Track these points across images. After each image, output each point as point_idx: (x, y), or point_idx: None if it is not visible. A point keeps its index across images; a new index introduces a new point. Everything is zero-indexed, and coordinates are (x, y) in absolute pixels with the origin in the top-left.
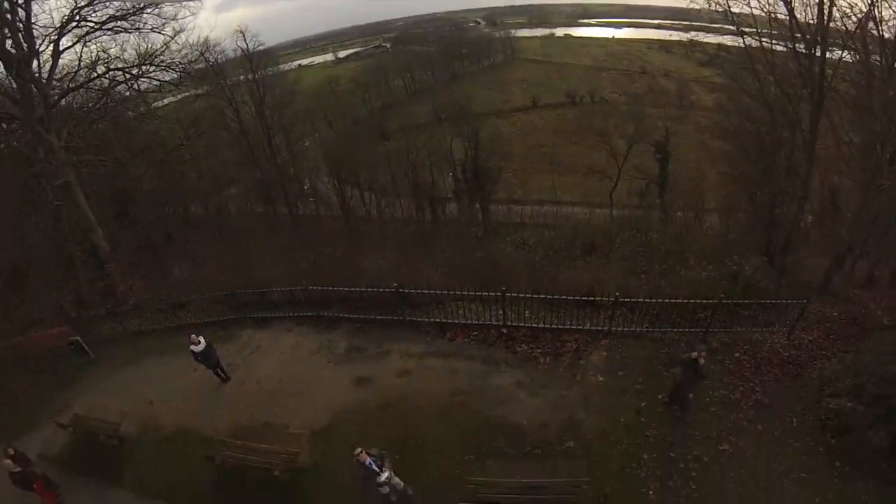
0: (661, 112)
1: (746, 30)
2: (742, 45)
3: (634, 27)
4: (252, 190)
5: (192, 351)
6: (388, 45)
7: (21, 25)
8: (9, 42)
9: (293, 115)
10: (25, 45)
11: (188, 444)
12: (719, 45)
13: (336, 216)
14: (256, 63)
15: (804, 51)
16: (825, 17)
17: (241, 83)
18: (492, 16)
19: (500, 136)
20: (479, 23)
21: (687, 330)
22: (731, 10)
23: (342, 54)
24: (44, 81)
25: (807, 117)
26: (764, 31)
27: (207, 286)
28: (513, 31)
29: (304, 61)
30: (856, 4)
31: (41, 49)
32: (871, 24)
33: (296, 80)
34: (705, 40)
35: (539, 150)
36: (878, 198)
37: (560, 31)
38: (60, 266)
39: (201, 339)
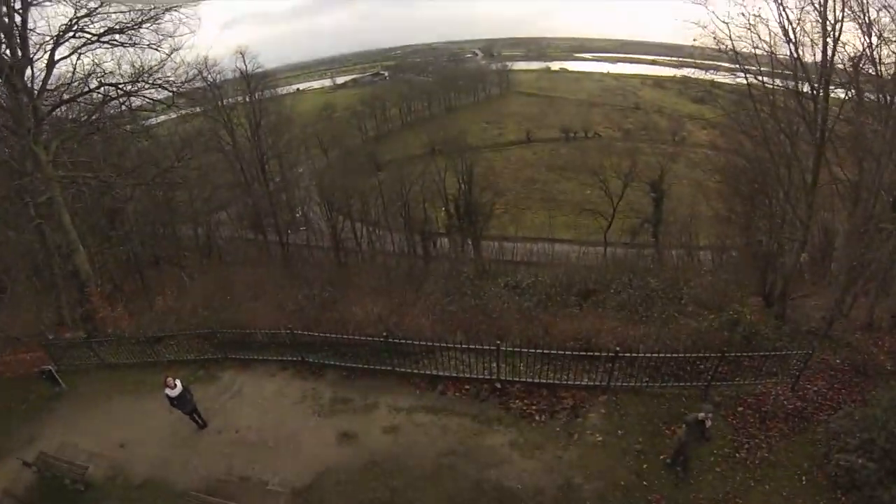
0: (655, 148)
1: (749, 68)
2: (735, 83)
3: (629, 62)
4: (243, 216)
5: (167, 395)
6: (386, 74)
7: (17, 31)
8: (3, 48)
9: (288, 140)
10: (20, 51)
11: (159, 497)
12: (712, 82)
13: (326, 247)
14: (254, 86)
15: (808, 91)
16: (829, 59)
17: (238, 105)
18: (489, 48)
19: (493, 171)
20: (477, 54)
21: (689, 384)
22: (735, 49)
23: (340, 80)
24: (36, 91)
25: (805, 157)
26: (764, 69)
27: (191, 319)
28: (509, 63)
29: (303, 85)
30: (854, 44)
31: (35, 57)
32: (867, 64)
33: (293, 104)
34: (698, 76)
35: (532, 186)
36: (879, 240)
37: (556, 65)
38: (42, 284)
39: (177, 382)
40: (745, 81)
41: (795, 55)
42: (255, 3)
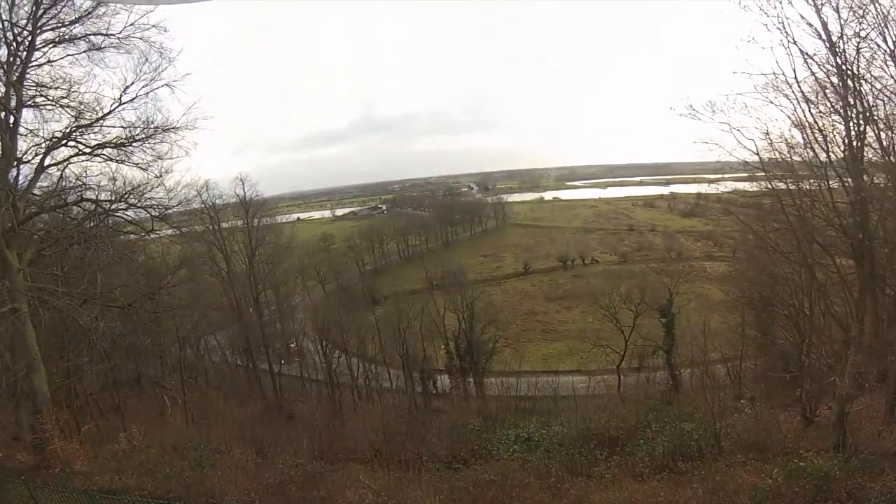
0: (656, 267)
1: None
2: (719, 193)
3: (618, 186)
4: (235, 342)
5: None
6: (384, 207)
7: (7, 130)
8: None
9: (286, 270)
10: (5, 151)
11: None
12: (698, 195)
13: (320, 380)
14: (252, 212)
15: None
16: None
17: (236, 230)
18: (484, 181)
19: (493, 305)
20: (473, 188)
21: None
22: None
23: (339, 212)
24: (19, 195)
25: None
26: (780, 174)
27: (155, 468)
28: (504, 196)
29: (304, 215)
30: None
31: (25, 159)
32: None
33: (292, 234)
34: (684, 192)
35: (532, 318)
36: None
37: (549, 195)
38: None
39: None
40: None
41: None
42: (264, 132)
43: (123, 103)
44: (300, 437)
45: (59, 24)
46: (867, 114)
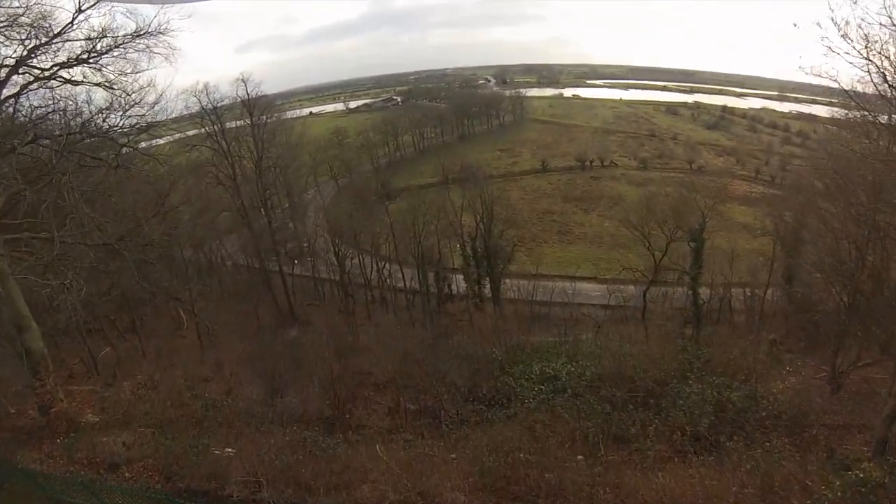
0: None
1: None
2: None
3: (641, 89)
4: (246, 247)
5: None
6: (399, 100)
7: None
8: None
9: (297, 168)
10: None
11: None
12: (723, 108)
13: (334, 281)
14: (258, 115)
15: None
16: None
17: (242, 133)
18: (502, 74)
19: (508, 202)
20: (490, 80)
21: None
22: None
23: (353, 105)
24: None
25: None
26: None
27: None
28: (523, 90)
29: (316, 109)
30: None
31: None
32: None
33: (304, 128)
34: (708, 102)
35: (549, 218)
36: None
37: (568, 92)
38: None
39: None
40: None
41: None
42: (272, 29)
43: (83, 10)
44: (313, 368)
45: None
46: None
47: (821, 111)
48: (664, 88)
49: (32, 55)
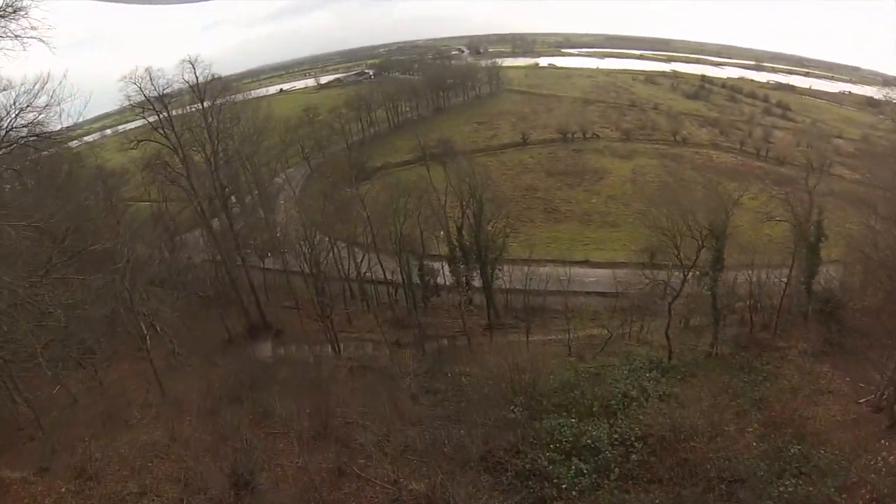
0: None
1: None
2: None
3: (617, 58)
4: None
5: None
6: (371, 73)
7: None
8: None
9: (267, 150)
10: None
11: None
12: (702, 77)
13: (306, 273)
14: (210, 100)
15: None
16: None
17: (198, 124)
18: (475, 44)
19: (490, 178)
20: (463, 51)
21: None
22: None
23: (324, 80)
24: None
25: None
26: None
27: None
28: (498, 60)
29: (286, 85)
30: None
31: None
32: None
33: (269, 112)
34: (686, 71)
35: (533, 195)
36: None
37: (544, 61)
38: None
39: None
40: None
41: None
42: (235, 7)
43: None
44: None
45: None
46: None
47: (797, 81)
48: (641, 57)
49: None
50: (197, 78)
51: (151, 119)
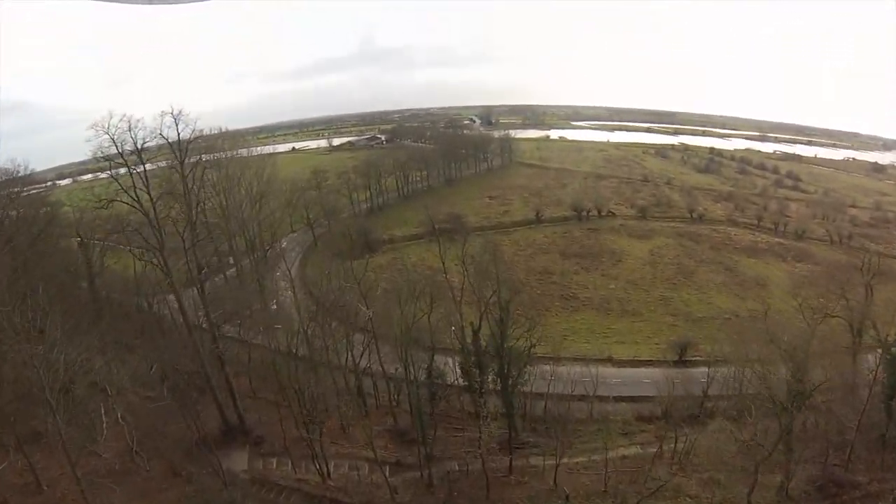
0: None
1: None
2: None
3: (626, 130)
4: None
5: None
6: (383, 138)
7: None
8: None
9: (272, 210)
10: None
11: None
12: (711, 149)
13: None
14: (192, 161)
15: None
16: None
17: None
18: (487, 114)
19: (503, 259)
20: (475, 121)
21: None
22: None
23: (336, 142)
24: None
25: None
26: None
27: None
28: (510, 131)
29: (299, 144)
30: None
31: None
32: None
33: (273, 172)
34: (694, 143)
35: (548, 280)
36: None
37: (554, 133)
38: None
39: None
40: None
41: None
42: (260, 61)
43: None
44: None
45: None
46: None
47: (802, 150)
48: (649, 130)
49: None
50: (179, 135)
51: (124, 173)
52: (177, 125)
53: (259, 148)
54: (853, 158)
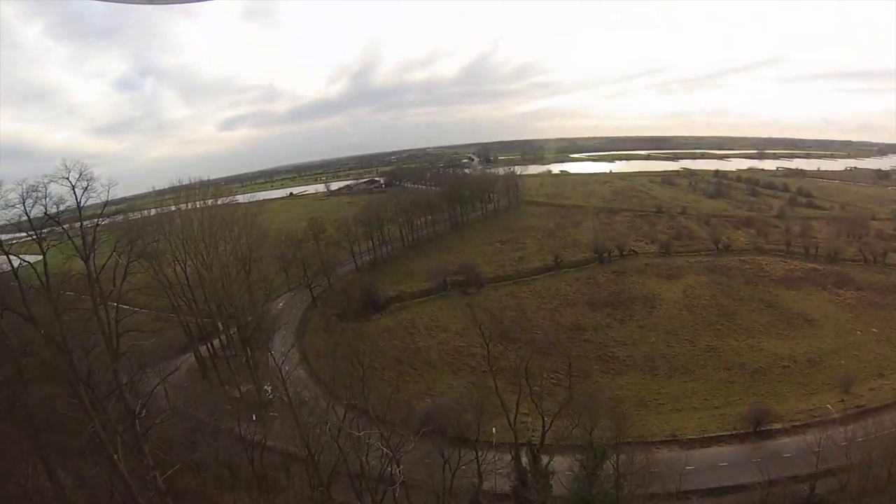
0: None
1: None
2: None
3: (626, 159)
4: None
5: None
6: (382, 181)
7: None
8: None
9: (268, 262)
10: None
11: None
12: (716, 172)
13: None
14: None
15: None
16: None
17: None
18: (484, 151)
19: (524, 315)
20: (473, 159)
21: None
22: None
23: (334, 186)
24: None
25: None
26: None
27: None
28: (511, 168)
29: (297, 189)
30: None
31: None
32: None
33: (265, 229)
34: (696, 167)
35: (581, 337)
36: None
37: (555, 168)
38: None
39: None
40: None
41: None
42: (254, 106)
43: None
44: None
45: None
46: None
47: (802, 164)
48: (649, 157)
49: None
50: (77, 197)
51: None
52: (74, 190)
53: (241, 196)
54: (854, 167)
